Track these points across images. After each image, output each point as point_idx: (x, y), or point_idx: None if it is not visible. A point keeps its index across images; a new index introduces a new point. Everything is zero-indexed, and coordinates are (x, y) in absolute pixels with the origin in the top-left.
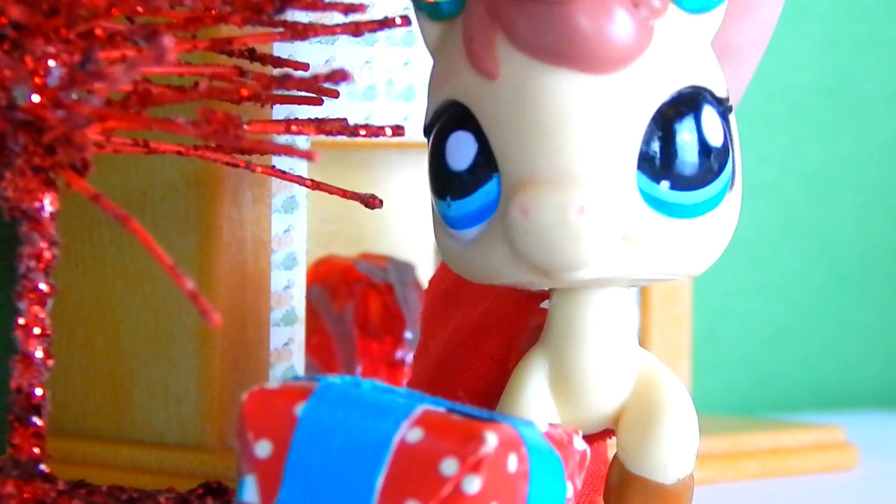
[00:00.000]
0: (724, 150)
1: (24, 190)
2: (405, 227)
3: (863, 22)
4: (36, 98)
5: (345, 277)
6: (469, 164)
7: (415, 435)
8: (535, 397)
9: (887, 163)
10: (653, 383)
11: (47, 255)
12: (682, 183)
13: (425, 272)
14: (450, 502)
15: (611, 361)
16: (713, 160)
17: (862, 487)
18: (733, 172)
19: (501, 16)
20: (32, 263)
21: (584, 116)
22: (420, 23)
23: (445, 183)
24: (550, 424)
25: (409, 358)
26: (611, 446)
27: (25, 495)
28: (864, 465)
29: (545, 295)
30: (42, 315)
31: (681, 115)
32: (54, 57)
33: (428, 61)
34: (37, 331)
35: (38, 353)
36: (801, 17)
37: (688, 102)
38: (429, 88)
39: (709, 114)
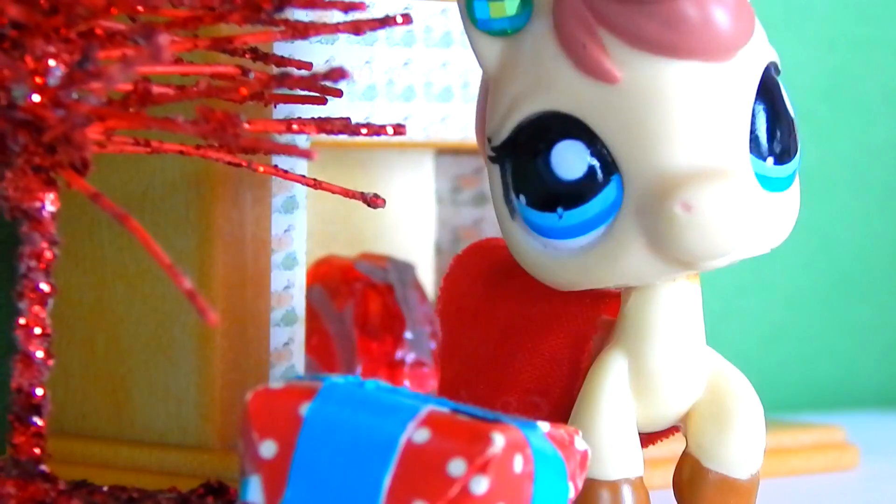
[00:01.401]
0: (794, 120)
1: (25, 189)
2: (405, 227)
3: (863, 22)
4: (36, 97)
5: (345, 277)
6: (584, 172)
7: (421, 435)
8: (617, 396)
9: (887, 163)
10: (724, 380)
11: (48, 254)
12: (782, 156)
13: (425, 272)
14: (457, 503)
15: (686, 357)
16: (794, 131)
17: (862, 487)
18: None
19: (610, 19)
20: (33, 263)
21: (712, 104)
22: (475, 40)
23: (556, 194)
24: (552, 424)
25: (409, 358)
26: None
27: (25, 495)
28: (864, 465)
29: (612, 294)
30: (43, 315)
31: (771, 93)
32: (54, 56)
33: (427, 60)
34: (37, 331)
35: (39, 353)
36: (801, 17)
37: (773, 79)
38: (497, 105)
39: (782, 86)
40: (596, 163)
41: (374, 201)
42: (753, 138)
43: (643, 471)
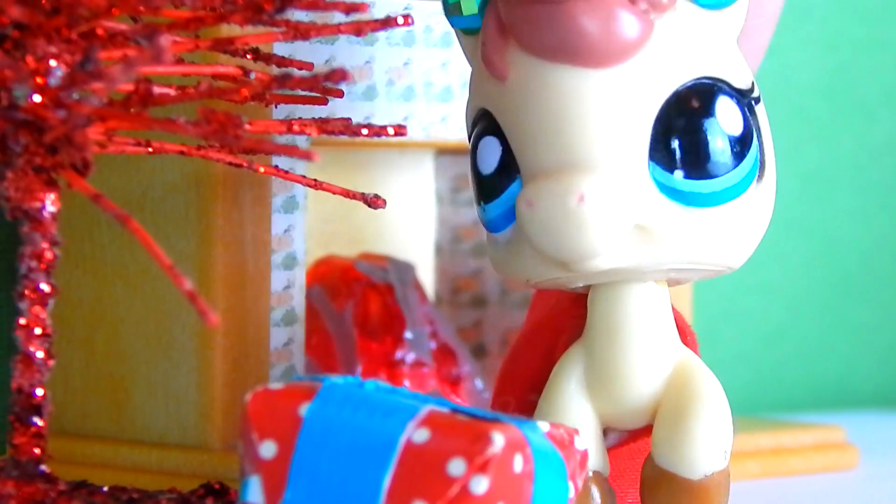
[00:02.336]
0: (746, 139)
1: (26, 190)
2: (405, 227)
3: (863, 22)
4: (37, 98)
5: (345, 277)
6: (495, 168)
7: (421, 435)
8: (570, 393)
9: (887, 163)
10: (686, 378)
11: (48, 255)
12: (697, 172)
13: (425, 272)
14: (457, 502)
15: (646, 355)
16: (730, 149)
17: (862, 487)
18: (760, 162)
19: (510, 20)
20: (34, 263)
21: (585, 109)
22: (457, 35)
23: (479, 188)
24: (552, 424)
25: (409, 358)
26: None
27: (26, 495)
28: (864, 465)
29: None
30: (43, 315)
31: (690, 106)
32: (55, 57)
33: (427, 60)
34: (38, 331)
35: (39, 354)
36: (801, 18)
37: (698, 93)
38: (467, 100)
39: (724, 104)
40: (504, 159)
41: (374, 202)
42: (658, 148)
43: (602, 465)
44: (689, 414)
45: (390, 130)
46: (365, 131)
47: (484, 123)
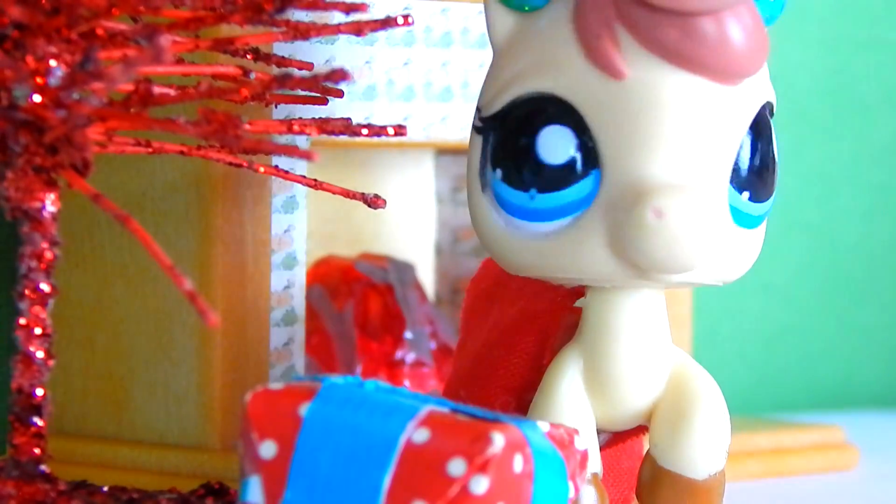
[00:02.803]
0: (776, 170)
1: (26, 190)
2: (405, 227)
3: (863, 22)
4: (37, 98)
5: (345, 277)
6: (567, 160)
7: (421, 435)
8: (569, 393)
9: (887, 163)
10: (685, 380)
11: (48, 255)
12: (758, 194)
13: (425, 272)
14: (457, 502)
15: (643, 359)
16: (775, 175)
17: (862, 487)
18: None
19: (631, 17)
20: (34, 263)
21: (706, 123)
22: (490, 8)
23: (534, 175)
24: (552, 424)
25: (409, 358)
26: (646, 443)
27: (25, 495)
28: (864, 465)
29: (579, 293)
30: (43, 315)
31: (762, 130)
32: (55, 57)
33: (427, 60)
34: (38, 331)
35: (39, 354)
36: (801, 18)
37: (766, 118)
38: (495, 77)
39: (772, 128)
40: (580, 154)
41: (374, 202)
42: (736, 169)
43: (599, 467)
44: (692, 414)
45: (390, 130)
46: (365, 131)
47: (549, 110)
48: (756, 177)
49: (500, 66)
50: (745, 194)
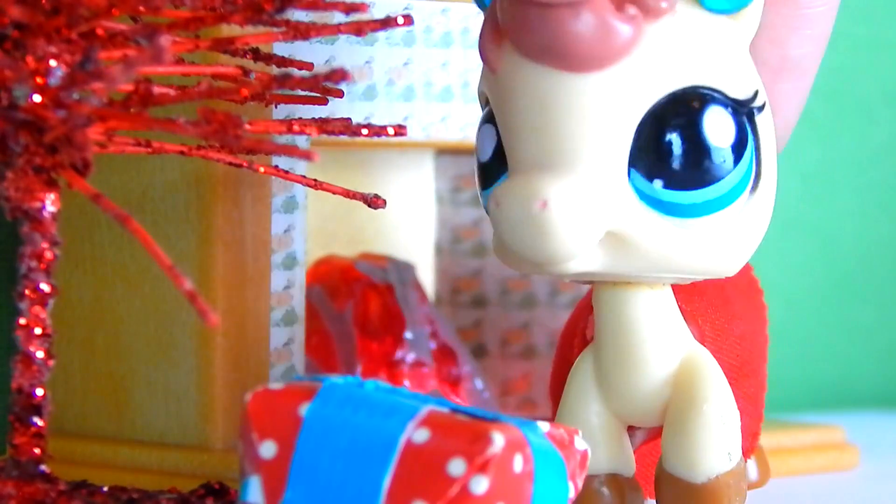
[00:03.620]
0: (738, 150)
1: (26, 190)
2: (405, 227)
3: (863, 22)
4: (37, 98)
5: (345, 277)
6: (490, 156)
7: (421, 435)
8: (584, 394)
9: (887, 163)
10: (690, 380)
11: (48, 255)
12: (677, 182)
13: (425, 272)
14: (457, 502)
15: (651, 358)
16: (715, 160)
17: (862, 487)
18: (755, 173)
19: (503, 18)
20: (33, 263)
21: (565, 112)
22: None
23: (479, 174)
24: (552, 424)
25: (409, 358)
26: None
27: (25, 496)
28: (864, 465)
29: None
30: (43, 315)
31: (674, 115)
32: (55, 57)
33: (428, 60)
34: (38, 331)
35: (39, 354)
36: None
37: (686, 102)
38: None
39: (714, 114)
40: (497, 150)
41: (374, 202)
42: (639, 156)
43: (624, 465)
44: (690, 416)
45: (390, 130)
46: (365, 131)
47: (487, 110)
48: (666, 164)
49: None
50: (658, 182)
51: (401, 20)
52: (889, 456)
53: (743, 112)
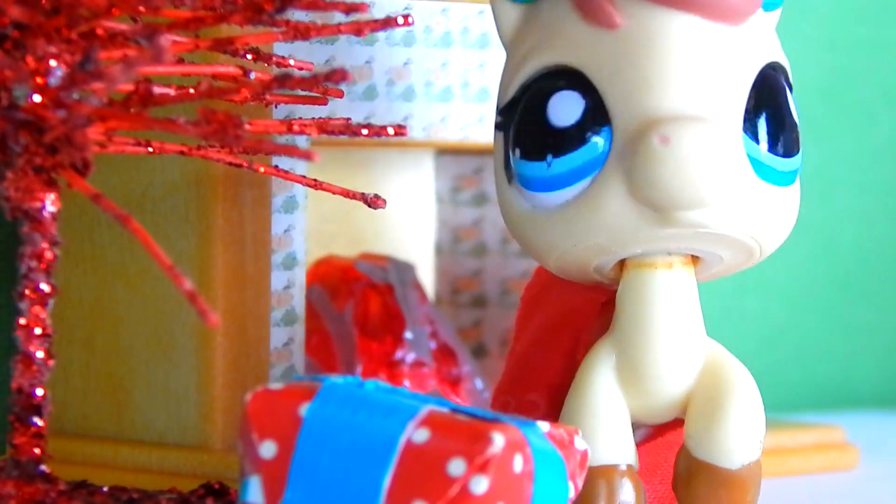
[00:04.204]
0: (799, 131)
1: (26, 190)
2: (405, 227)
3: (863, 23)
4: (37, 98)
5: (345, 277)
6: (577, 119)
7: (421, 435)
8: (603, 389)
9: (887, 163)
10: (719, 370)
11: (48, 255)
12: (777, 147)
13: (425, 272)
14: (457, 502)
15: (678, 348)
16: (796, 134)
17: (862, 487)
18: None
19: None
20: (34, 263)
21: (708, 60)
22: (497, 6)
23: (546, 141)
24: (552, 424)
25: (409, 358)
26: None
27: (25, 496)
28: (864, 465)
29: (612, 290)
30: (43, 315)
31: (774, 85)
32: (55, 57)
33: (428, 60)
34: (38, 331)
35: (39, 354)
36: (801, 18)
37: (778, 76)
38: (507, 72)
39: (789, 92)
40: (589, 112)
41: (374, 202)
42: (748, 118)
43: (635, 461)
44: (725, 404)
45: (390, 130)
46: (365, 131)
47: (556, 79)
48: (770, 128)
49: (511, 59)
50: (763, 145)
51: (401, 20)
52: (889, 456)
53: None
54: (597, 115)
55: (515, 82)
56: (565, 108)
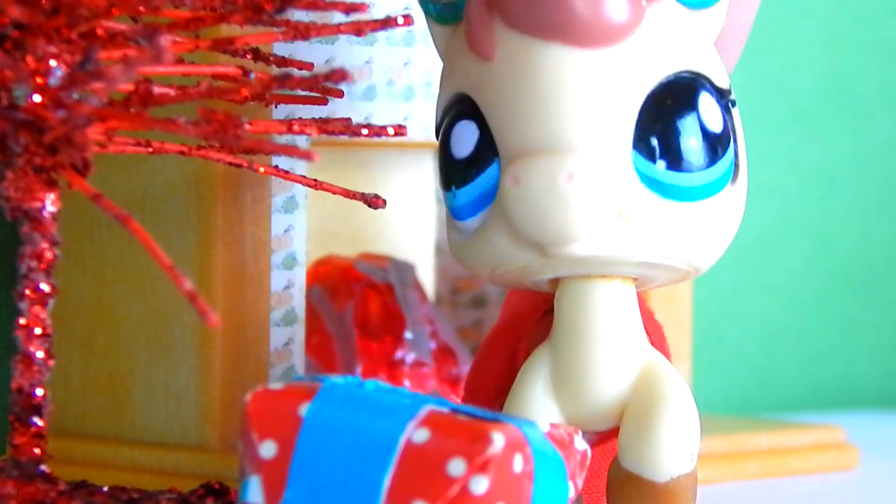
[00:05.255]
0: (724, 138)
1: (26, 190)
2: (405, 227)
3: (863, 23)
4: (37, 98)
5: (345, 277)
6: (471, 151)
7: (421, 435)
8: (536, 396)
9: (887, 163)
10: (654, 381)
11: (48, 255)
12: (678, 164)
13: (425, 272)
14: (457, 502)
15: (613, 357)
16: (710, 145)
17: (862, 487)
18: (735, 164)
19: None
20: (34, 264)
21: (576, 89)
22: (430, 28)
23: (450, 172)
24: (552, 424)
25: (409, 358)
26: None
27: (25, 495)
28: (864, 465)
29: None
30: (43, 315)
31: (675, 97)
32: (55, 57)
33: (427, 60)
34: (38, 331)
35: (39, 354)
36: (801, 18)
37: (684, 86)
38: (439, 91)
39: (706, 100)
40: (480, 144)
41: (374, 202)
42: (642, 137)
43: None
44: (655, 416)
45: (390, 130)
46: (365, 131)
47: (459, 108)
48: (668, 145)
49: (441, 79)
50: (661, 163)
51: (401, 20)
52: (889, 456)
53: (723, 102)
54: (487, 146)
55: (439, 107)
56: (463, 139)
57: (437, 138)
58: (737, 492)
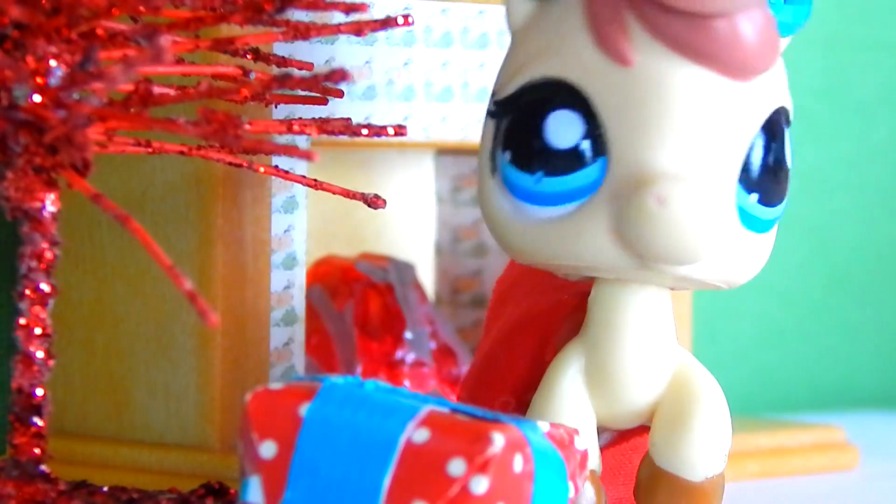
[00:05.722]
0: (789, 171)
1: (26, 190)
2: (405, 227)
3: (862, 23)
4: (37, 98)
5: (345, 277)
6: (573, 144)
7: (421, 435)
8: (569, 391)
9: (886, 163)
10: (687, 381)
11: (48, 255)
12: (769, 198)
13: (425, 272)
14: (457, 502)
15: (647, 357)
16: (787, 180)
17: (862, 487)
18: None
19: (641, 6)
20: (34, 263)
21: (714, 117)
22: None
23: (539, 158)
24: (552, 424)
25: (409, 358)
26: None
27: (25, 496)
28: (864, 465)
29: (585, 293)
30: (43, 315)
31: (774, 133)
32: (56, 57)
33: (427, 60)
34: (38, 331)
35: (39, 354)
36: None
37: (778, 121)
38: (510, 62)
39: (788, 136)
40: (587, 140)
41: (374, 202)
42: (745, 169)
43: (597, 465)
44: (692, 416)
45: (390, 130)
46: (365, 131)
47: (561, 96)
48: (766, 179)
49: (516, 51)
50: (754, 196)
51: (401, 20)
52: (889, 456)
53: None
54: (595, 143)
55: (517, 79)
56: (563, 129)
57: (494, 106)
58: (737, 492)
